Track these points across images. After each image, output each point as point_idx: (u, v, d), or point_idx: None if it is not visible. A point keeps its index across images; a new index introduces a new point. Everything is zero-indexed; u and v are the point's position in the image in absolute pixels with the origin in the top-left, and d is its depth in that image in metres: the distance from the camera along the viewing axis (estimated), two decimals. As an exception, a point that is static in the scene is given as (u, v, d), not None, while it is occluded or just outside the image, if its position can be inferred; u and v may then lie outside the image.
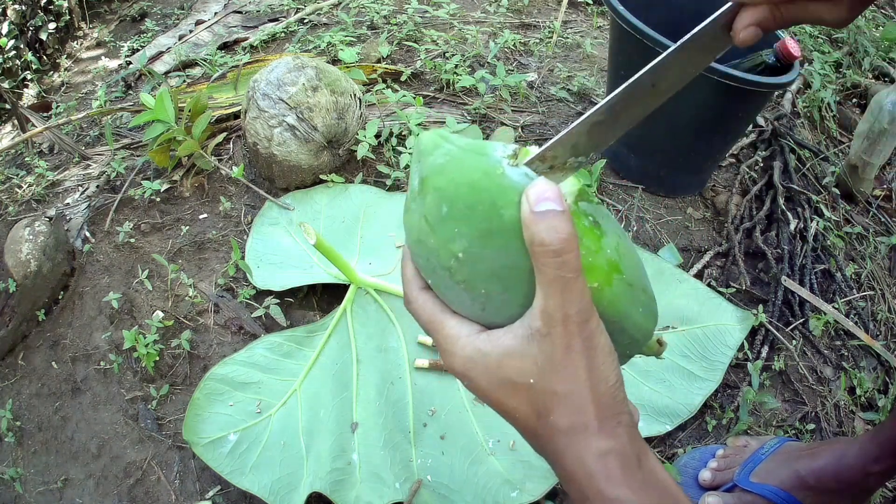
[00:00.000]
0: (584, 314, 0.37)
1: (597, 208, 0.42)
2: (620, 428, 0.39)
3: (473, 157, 0.39)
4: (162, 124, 1.26)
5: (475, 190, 0.38)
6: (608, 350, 0.39)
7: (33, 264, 1.16)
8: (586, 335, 0.37)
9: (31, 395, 1.14)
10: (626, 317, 0.41)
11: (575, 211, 0.40)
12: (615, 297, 0.40)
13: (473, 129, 1.34)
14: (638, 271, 0.42)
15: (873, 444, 0.77)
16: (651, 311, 0.44)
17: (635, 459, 0.39)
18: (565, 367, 0.38)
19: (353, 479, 0.91)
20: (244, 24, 1.97)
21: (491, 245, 0.38)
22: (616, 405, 0.39)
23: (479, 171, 0.38)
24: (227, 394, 0.98)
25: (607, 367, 0.38)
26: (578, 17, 1.91)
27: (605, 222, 0.41)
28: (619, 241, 0.41)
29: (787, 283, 1.17)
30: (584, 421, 0.38)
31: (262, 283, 1.13)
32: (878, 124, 1.27)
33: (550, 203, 0.35)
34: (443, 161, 0.40)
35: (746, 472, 0.85)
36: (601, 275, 0.39)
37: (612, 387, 0.38)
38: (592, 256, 0.39)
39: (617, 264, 0.40)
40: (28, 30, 2.25)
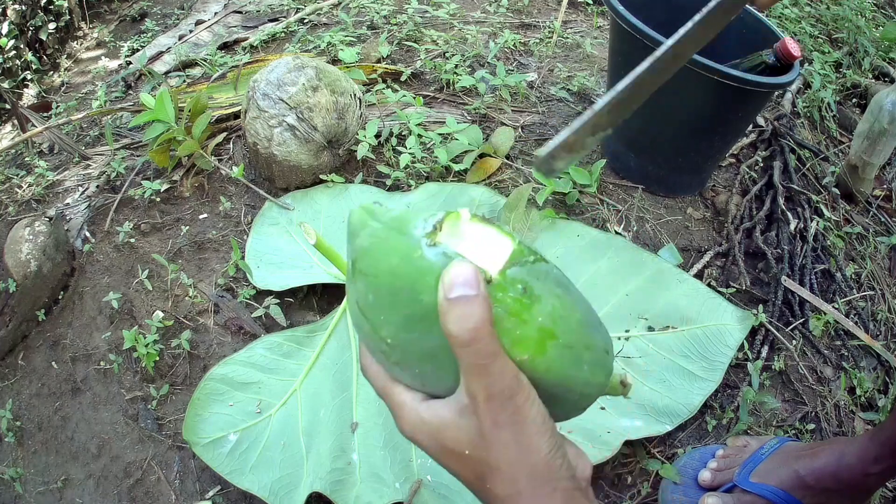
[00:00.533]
0: (508, 391, 0.37)
1: (532, 269, 0.39)
2: (556, 493, 0.39)
3: (395, 238, 0.39)
4: (162, 124, 1.26)
5: (395, 276, 0.38)
6: (540, 421, 0.39)
7: (33, 264, 1.16)
8: (511, 411, 0.37)
9: (31, 395, 1.14)
10: (568, 378, 0.40)
11: (501, 283, 0.38)
12: (551, 364, 0.39)
13: (473, 129, 1.34)
14: (580, 330, 0.40)
15: (873, 445, 0.77)
16: (601, 365, 0.42)
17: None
18: (495, 442, 0.38)
19: (353, 479, 0.91)
20: (244, 24, 1.97)
21: (415, 330, 0.39)
22: (550, 473, 0.39)
23: (398, 254, 0.38)
24: (227, 394, 0.98)
25: (539, 438, 0.39)
26: (578, 17, 1.91)
27: (541, 284, 0.39)
28: (555, 301, 0.39)
29: (787, 283, 1.17)
30: (518, 489, 0.39)
31: (262, 283, 1.13)
32: (878, 124, 1.27)
33: (461, 288, 0.35)
34: (367, 244, 0.40)
35: (746, 472, 0.85)
36: (532, 345, 0.38)
37: (545, 456, 0.39)
38: (521, 328, 0.38)
39: (551, 330, 0.38)
40: (28, 30, 2.25)
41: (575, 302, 0.41)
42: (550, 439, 0.39)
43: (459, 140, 1.31)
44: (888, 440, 0.75)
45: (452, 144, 1.30)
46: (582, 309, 0.41)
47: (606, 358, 0.42)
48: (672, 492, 0.90)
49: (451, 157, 1.28)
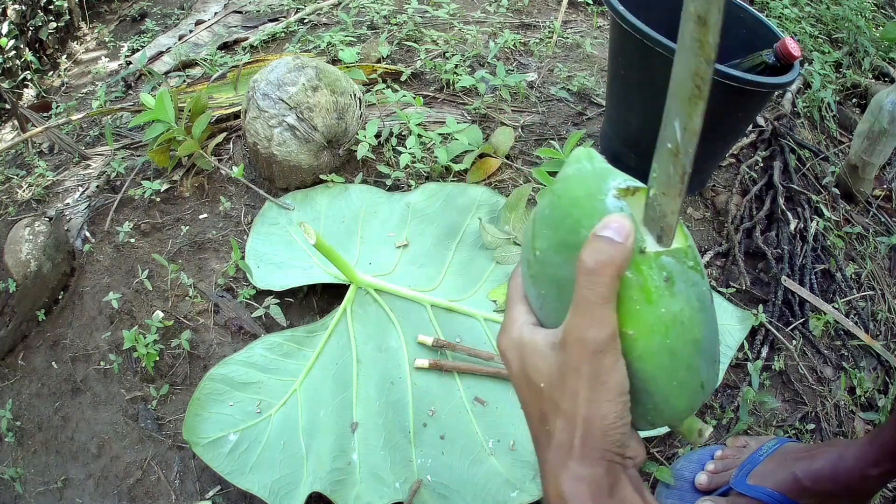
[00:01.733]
0: (601, 345, 0.38)
1: (685, 272, 0.40)
2: (602, 462, 0.39)
3: (592, 179, 0.42)
4: (162, 124, 1.26)
5: (573, 204, 0.41)
6: (618, 390, 0.39)
7: (33, 264, 1.16)
8: (596, 366, 0.38)
9: (31, 395, 1.14)
10: (654, 381, 0.40)
11: (649, 260, 0.39)
12: (647, 355, 0.39)
13: (473, 129, 1.34)
14: (691, 347, 0.40)
15: (872, 448, 0.76)
16: (689, 393, 0.41)
17: (607, 489, 0.40)
18: (569, 387, 0.39)
19: (353, 479, 0.91)
20: (244, 24, 1.97)
21: (561, 254, 0.41)
22: (606, 442, 0.39)
23: (586, 190, 0.41)
24: (227, 394, 0.98)
25: (609, 405, 0.39)
26: (578, 17, 1.91)
27: (684, 287, 0.39)
28: (686, 308, 0.39)
29: (787, 283, 1.17)
30: (571, 441, 0.39)
31: (262, 283, 1.13)
32: (878, 124, 1.27)
33: (611, 231, 0.37)
34: (571, 172, 0.43)
35: (743, 474, 0.85)
36: (641, 326, 0.39)
37: (607, 425, 0.39)
38: (641, 305, 0.39)
39: (665, 326, 0.39)
40: (28, 30, 2.25)
41: (702, 324, 0.40)
42: (619, 411, 0.39)
43: (459, 140, 1.31)
44: (887, 443, 0.75)
45: (452, 144, 1.30)
46: (704, 335, 0.41)
47: (698, 391, 0.42)
48: (667, 496, 0.90)
49: (451, 157, 1.28)
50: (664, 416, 0.42)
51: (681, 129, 0.39)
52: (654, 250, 0.39)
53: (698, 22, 0.35)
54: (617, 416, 0.39)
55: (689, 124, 0.39)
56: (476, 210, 1.18)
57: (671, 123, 0.40)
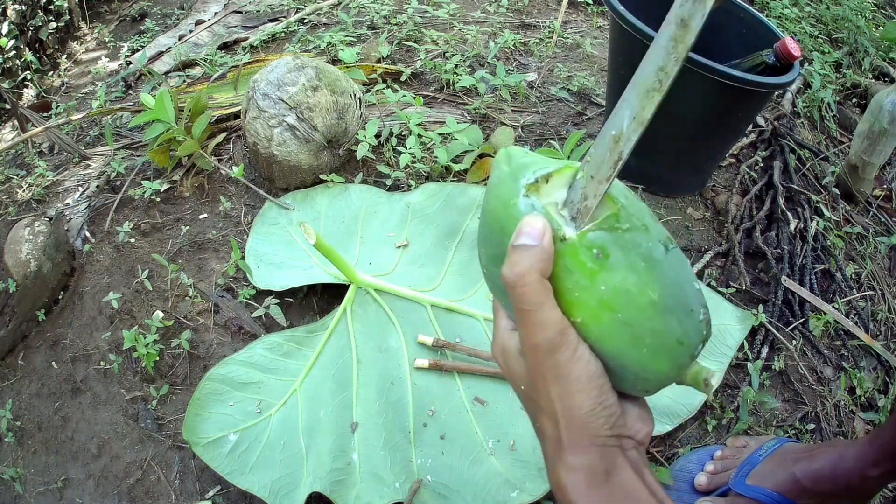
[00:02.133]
0: (550, 345, 0.39)
1: (620, 237, 0.39)
2: (593, 448, 0.40)
3: (506, 184, 0.42)
4: (162, 124, 1.26)
5: (494, 218, 0.42)
6: (586, 379, 0.40)
7: (33, 264, 1.16)
8: (552, 364, 0.39)
9: (31, 395, 1.14)
10: (624, 355, 0.40)
11: (575, 244, 0.39)
12: (603, 336, 0.40)
13: (473, 129, 1.34)
14: (648, 311, 0.39)
15: (872, 448, 0.76)
16: (667, 353, 0.41)
17: (603, 474, 0.40)
18: (540, 387, 0.41)
19: (353, 479, 0.91)
20: (244, 24, 1.97)
21: (498, 266, 0.42)
22: (590, 430, 0.40)
23: (500, 199, 0.42)
24: (227, 394, 0.98)
25: (581, 395, 0.40)
26: (578, 17, 1.91)
27: (622, 254, 0.39)
28: (630, 276, 0.39)
29: (787, 283, 1.17)
30: (559, 435, 0.41)
31: (262, 283, 1.13)
32: (878, 124, 1.27)
33: (525, 238, 0.38)
34: (493, 182, 0.44)
35: (742, 474, 0.85)
36: (586, 311, 0.39)
37: (585, 413, 0.40)
38: (580, 291, 0.39)
39: (610, 302, 0.39)
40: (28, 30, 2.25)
41: (656, 281, 0.39)
42: (594, 398, 0.40)
43: (459, 140, 1.31)
44: (887, 443, 0.75)
45: (452, 144, 1.30)
46: (663, 291, 0.40)
47: (677, 348, 0.41)
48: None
49: (451, 157, 1.28)
50: (653, 383, 0.42)
51: (630, 119, 0.39)
52: (578, 232, 0.39)
53: (680, 25, 0.38)
54: (593, 402, 0.40)
55: (640, 115, 0.39)
56: (476, 210, 1.18)
57: (622, 111, 0.39)
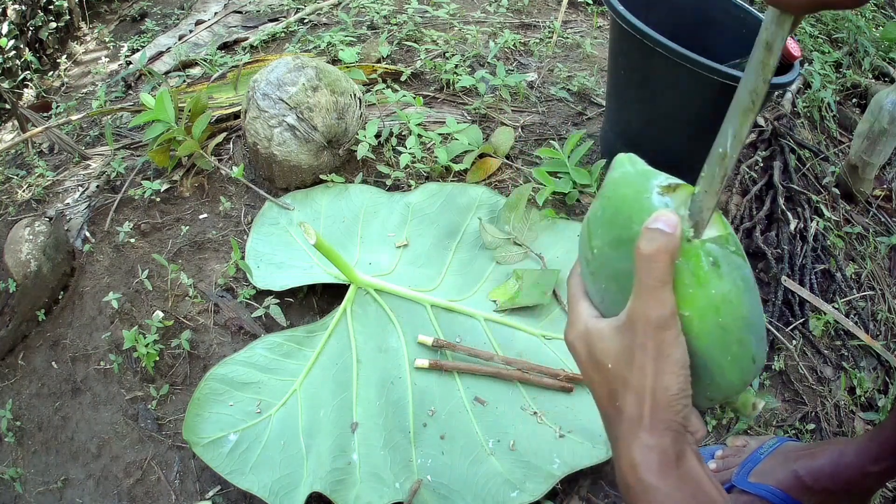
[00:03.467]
0: (663, 322, 0.42)
1: (729, 255, 0.44)
2: (669, 431, 0.43)
3: (638, 180, 0.46)
4: (162, 124, 1.26)
5: (623, 203, 0.46)
6: (680, 364, 0.43)
7: (33, 264, 1.16)
8: (659, 341, 0.42)
9: (31, 395, 1.14)
10: (711, 357, 0.44)
11: (696, 247, 0.43)
12: (703, 333, 0.43)
13: (473, 129, 1.34)
14: (741, 323, 0.44)
15: (872, 445, 0.76)
16: (742, 366, 0.45)
17: (674, 458, 0.43)
18: (636, 362, 0.43)
19: (353, 479, 0.91)
20: (244, 24, 1.97)
21: (618, 249, 0.45)
22: (671, 412, 0.43)
23: (633, 189, 0.46)
24: (227, 394, 0.98)
25: (672, 377, 0.43)
26: (578, 17, 1.91)
27: (729, 270, 0.44)
28: (733, 289, 0.43)
29: (787, 283, 1.17)
30: (641, 413, 0.43)
31: (262, 283, 1.13)
32: (878, 124, 1.27)
33: (662, 224, 0.42)
34: (618, 176, 0.47)
35: (745, 472, 0.85)
36: (695, 307, 0.43)
37: (671, 396, 0.43)
38: (694, 288, 0.43)
39: (716, 305, 0.43)
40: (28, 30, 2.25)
41: (749, 302, 0.44)
42: (682, 383, 0.43)
43: (459, 140, 1.31)
44: (888, 440, 0.75)
45: (452, 144, 1.30)
46: (752, 312, 0.45)
47: (750, 365, 0.45)
48: None
49: (451, 157, 1.28)
50: (721, 390, 0.46)
51: (732, 137, 0.44)
52: (700, 239, 0.44)
53: (766, 47, 0.44)
54: (679, 387, 0.43)
55: (739, 132, 0.44)
56: (476, 210, 1.18)
57: (726, 131, 0.45)
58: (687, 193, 0.46)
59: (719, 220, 0.47)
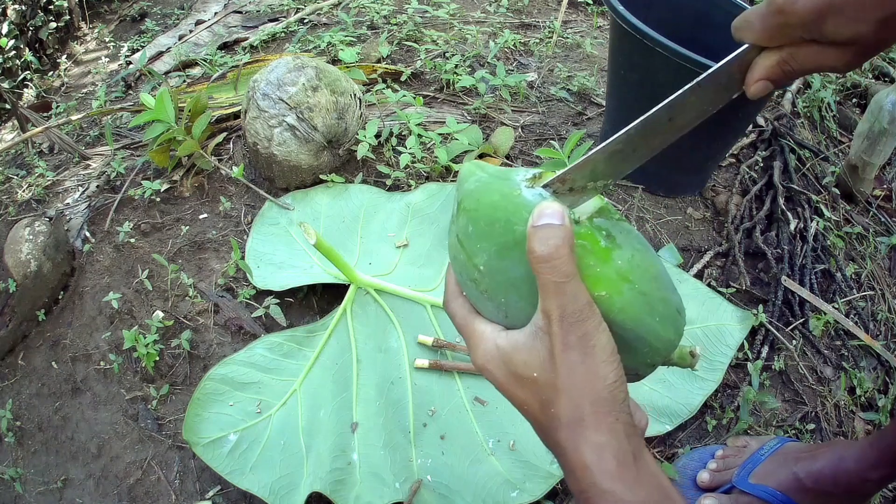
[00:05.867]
0: (580, 314, 0.40)
1: (616, 224, 0.44)
2: (618, 424, 0.41)
3: (498, 182, 0.45)
4: (162, 124, 1.26)
5: (494, 209, 0.43)
6: (609, 350, 0.41)
7: (33, 264, 1.16)
8: (582, 333, 0.40)
9: (31, 395, 1.14)
10: (641, 324, 0.43)
11: (587, 226, 0.43)
12: (626, 305, 0.42)
13: (473, 129, 1.34)
14: (655, 283, 0.44)
15: (872, 451, 0.77)
16: (672, 322, 0.44)
17: (630, 456, 0.41)
18: (563, 362, 0.41)
19: (353, 479, 0.91)
20: (244, 24, 1.97)
21: (507, 258, 0.43)
22: (614, 403, 0.41)
23: (499, 192, 0.44)
24: (227, 394, 0.98)
25: (606, 366, 0.41)
26: (578, 17, 1.91)
27: (623, 237, 0.44)
28: (635, 253, 0.43)
29: (787, 283, 1.17)
30: (582, 414, 0.41)
31: (262, 283, 1.13)
32: (878, 124, 1.27)
33: (547, 218, 0.40)
34: (473, 187, 0.45)
35: (745, 473, 0.85)
36: (609, 284, 0.42)
37: (609, 385, 0.41)
38: (601, 267, 0.42)
39: (627, 274, 0.42)
40: (28, 30, 2.25)
41: (653, 259, 0.45)
42: (616, 370, 0.41)
43: (459, 140, 1.31)
44: (888, 448, 0.75)
45: (452, 144, 1.30)
46: (659, 268, 0.45)
47: (678, 318, 0.45)
48: None
49: (451, 157, 1.28)
50: (660, 352, 0.45)
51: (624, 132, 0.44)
52: (585, 216, 0.44)
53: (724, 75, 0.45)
54: (616, 374, 0.41)
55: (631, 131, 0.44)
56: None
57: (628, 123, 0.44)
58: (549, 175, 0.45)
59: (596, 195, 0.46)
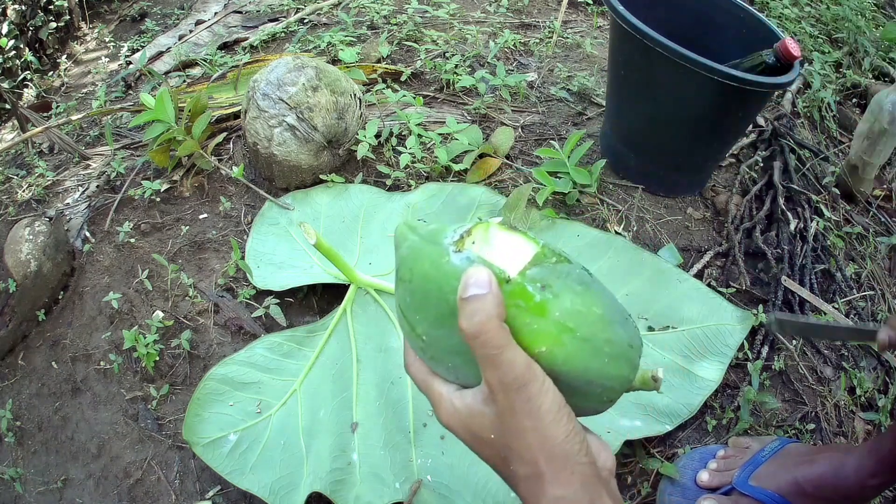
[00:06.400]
0: (520, 380, 0.40)
1: (553, 269, 0.43)
2: (574, 476, 0.42)
3: (428, 247, 0.44)
4: (162, 124, 1.26)
5: (426, 280, 0.43)
6: (556, 409, 0.41)
7: (33, 264, 1.16)
8: (525, 399, 0.41)
9: (31, 395, 1.14)
10: (588, 370, 0.42)
11: (518, 283, 0.42)
12: (569, 356, 0.42)
13: (473, 129, 1.34)
14: (599, 324, 0.42)
15: (871, 459, 0.77)
16: (622, 358, 0.44)
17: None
18: (512, 428, 0.42)
19: (353, 479, 0.91)
20: (244, 24, 1.97)
21: (445, 327, 0.43)
22: (567, 457, 0.42)
23: (429, 261, 0.43)
24: (227, 394, 0.98)
25: (554, 426, 0.41)
26: (578, 17, 1.91)
27: (561, 282, 0.42)
28: (574, 298, 0.42)
29: (787, 283, 1.17)
30: (538, 471, 0.42)
31: (262, 283, 1.13)
32: (878, 124, 1.27)
33: (473, 288, 0.40)
34: (406, 253, 0.45)
35: (745, 474, 0.85)
36: (548, 338, 0.41)
37: (561, 442, 0.41)
38: (538, 323, 0.41)
39: (566, 325, 0.41)
40: (28, 30, 2.25)
41: (596, 298, 0.43)
42: (566, 426, 0.42)
43: (459, 140, 1.31)
44: (887, 455, 0.75)
45: (452, 144, 1.30)
46: (604, 305, 0.43)
47: (630, 352, 0.44)
48: (670, 493, 0.90)
49: (451, 157, 1.28)
50: (616, 389, 0.45)
51: None
52: (517, 271, 0.42)
53: None
54: (565, 431, 0.42)
55: None
56: (476, 210, 1.18)
57: None
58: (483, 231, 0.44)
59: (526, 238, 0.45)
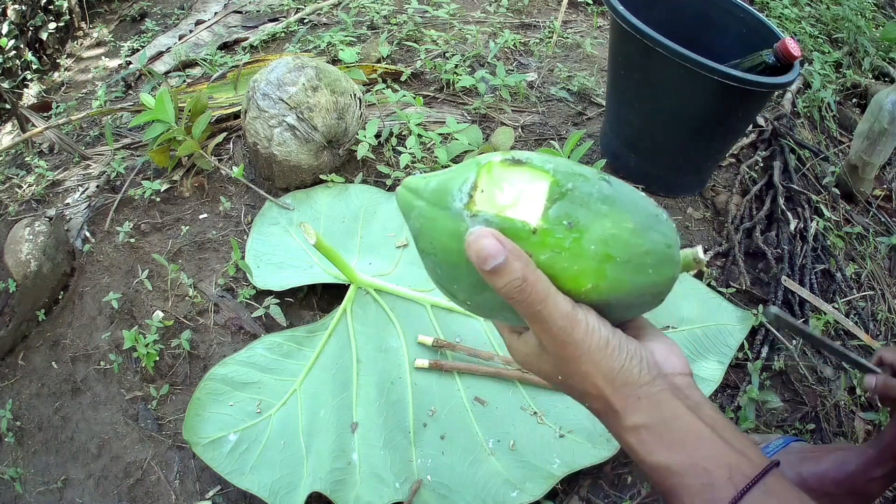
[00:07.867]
0: (566, 330, 0.41)
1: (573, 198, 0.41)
2: (642, 402, 0.42)
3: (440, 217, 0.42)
4: (162, 124, 1.26)
5: (450, 253, 0.42)
6: (604, 345, 0.42)
7: (33, 264, 1.16)
8: (573, 345, 0.42)
9: (31, 395, 1.14)
10: (636, 287, 0.42)
11: (544, 229, 0.40)
12: (615, 283, 0.41)
13: (473, 129, 1.34)
14: (634, 239, 0.41)
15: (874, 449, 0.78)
16: (665, 260, 0.43)
17: (663, 426, 0.42)
18: (571, 372, 0.43)
19: (353, 479, 0.91)
20: (244, 24, 1.97)
21: (484, 291, 0.43)
22: (630, 385, 0.42)
23: (447, 234, 0.42)
24: (227, 394, 0.98)
25: (608, 360, 0.42)
26: (578, 17, 1.91)
27: (584, 210, 0.41)
28: (604, 222, 0.40)
29: (787, 283, 1.17)
30: (607, 406, 0.43)
31: (262, 283, 1.13)
32: (878, 124, 1.27)
33: (491, 261, 0.39)
34: (419, 225, 0.44)
35: (749, 471, 0.85)
36: (591, 275, 0.41)
37: (620, 371, 0.42)
38: (577, 264, 0.40)
39: (606, 253, 0.40)
40: (28, 30, 2.25)
41: (623, 211, 0.42)
42: (619, 355, 0.43)
43: (459, 140, 1.31)
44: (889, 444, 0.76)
45: (452, 144, 1.30)
46: (633, 215, 0.42)
47: (669, 251, 0.43)
48: None
49: (451, 157, 1.28)
50: (666, 289, 0.45)
51: None
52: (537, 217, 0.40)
53: None
54: (620, 362, 0.42)
55: None
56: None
57: None
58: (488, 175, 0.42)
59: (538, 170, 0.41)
